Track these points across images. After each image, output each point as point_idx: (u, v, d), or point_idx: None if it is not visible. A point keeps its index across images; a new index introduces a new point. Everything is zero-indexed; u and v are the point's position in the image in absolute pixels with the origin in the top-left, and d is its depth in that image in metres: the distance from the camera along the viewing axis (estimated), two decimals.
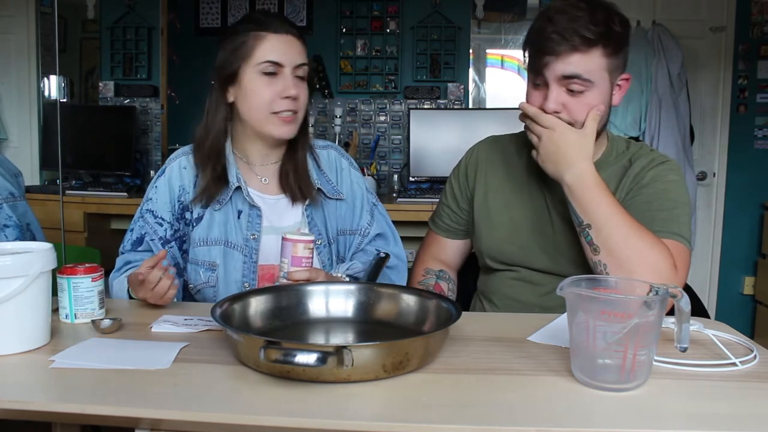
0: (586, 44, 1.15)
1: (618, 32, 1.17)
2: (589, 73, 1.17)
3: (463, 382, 0.84)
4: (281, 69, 1.28)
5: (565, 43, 1.15)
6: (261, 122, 1.30)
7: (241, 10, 3.64)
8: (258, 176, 1.38)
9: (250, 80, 1.28)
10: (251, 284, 1.32)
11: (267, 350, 0.77)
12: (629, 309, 0.80)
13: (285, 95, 1.27)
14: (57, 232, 2.24)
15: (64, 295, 1.08)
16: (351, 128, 3.61)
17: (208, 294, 1.33)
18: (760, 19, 3.52)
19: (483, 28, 3.64)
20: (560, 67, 1.17)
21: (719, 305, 3.67)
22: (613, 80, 1.22)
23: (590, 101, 1.19)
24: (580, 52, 1.15)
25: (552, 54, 1.16)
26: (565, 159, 1.16)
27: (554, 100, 1.18)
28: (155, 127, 3.63)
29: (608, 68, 1.19)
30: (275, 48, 1.28)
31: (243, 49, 1.28)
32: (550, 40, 1.16)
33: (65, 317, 1.09)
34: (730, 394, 0.81)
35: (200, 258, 1.33)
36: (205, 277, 1.33)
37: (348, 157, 1.49)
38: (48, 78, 3.67)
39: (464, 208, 1.45)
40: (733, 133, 3.60)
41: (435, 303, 1.04)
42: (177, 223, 1.34)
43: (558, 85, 1.18)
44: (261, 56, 1.27)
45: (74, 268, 1.10)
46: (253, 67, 1.28)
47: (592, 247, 1.15)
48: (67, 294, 1.08)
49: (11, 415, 0.77)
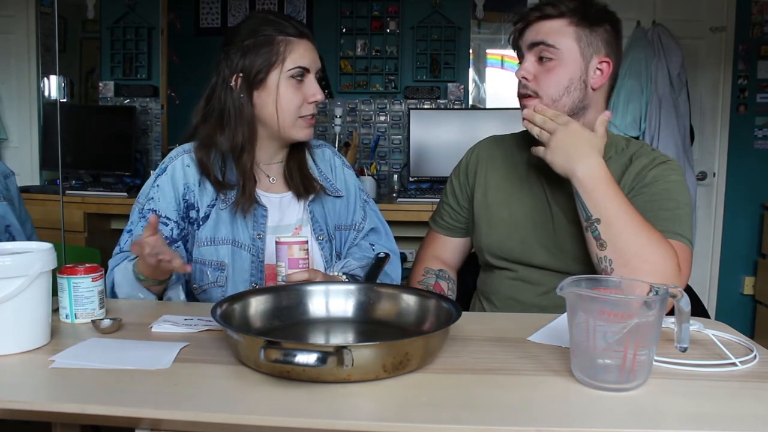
0: (556, 12, 1.24)
1: (593, 11, 1.24)
2: (555, 39, 1.23)
3: (463, 382, 0.84)
4: (308, 74, 1.31)
5: (537, 12, 1.25)
6: (287, 126, 1.32)
7: (241, 10, 3.64)
8: (265, 175, 1.40)
9: (279, 84, 1.29)
10: (259, 283, 1.32)
11: (267, 350, 0.77)
12: (629, 309, 0.80)
13: (312, 100, 1.31)
14: (57, 232, 2.25)
15: (64, 295, 1.08)
16: (351, 128, 3.61)
17: (215, 294, 1.32)
18: (760, 19, 3.52)
19: (483, 28, 3.65)
20: (530, 34, 1.26)
21: (719, 305, 3.67)
22: (587, 56, 1.24)
23: (558, 72, 1.23)
24: (548, 19, 1.24)
25: (523, 21, 1.27)
26: (579, 152, 1.17)
27: (524, 67, 1.26)
28: (155, 127, 3.63)
29: (578, 41, 1.23)
30: (305, 53, 1.31)
31: (274, 52, 1.28)
32: (525, 13, 1.27)
33: (65, 317, 1.08)
34: (730, 394, 0.81)
35: (207, 258, 1.33)
36: (213, 277, 1.32)
37: (340, 155, 1.52)
38: (48, 78, 3.67)
39: (464, 206, 1.46)
40: (733, 133, 3.60)
41: (435, 303, 1.04)
42: (183, 222, 1.34)
43: (529, 53, 1.26)
44: (293, 62, 1.29)
45: (74, 268, 1.09)
46: (284, 71, 1.29)
47: (598, 242, 1.14)
48: (67, 294, 1.08)
49: (11, 415, 0.77)
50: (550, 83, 1.24)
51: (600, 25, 1.24)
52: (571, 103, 1.24)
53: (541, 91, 1.24)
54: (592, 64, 1.24)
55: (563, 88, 1.23)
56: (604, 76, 1.26)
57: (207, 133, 1.34)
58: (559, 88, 1.23)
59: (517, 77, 1.27)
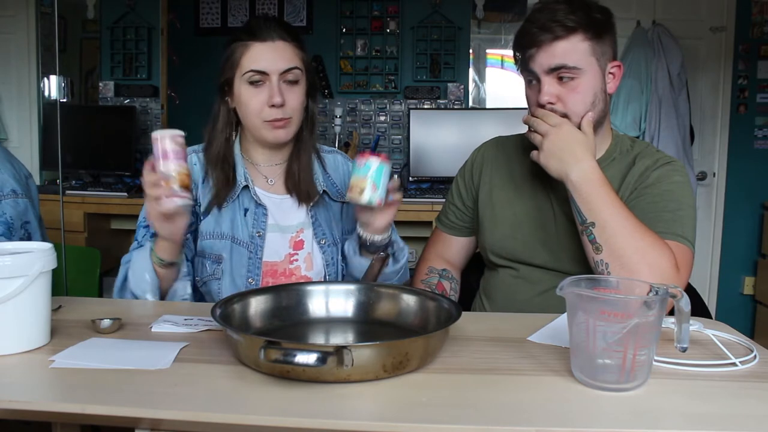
0: (567, 31, 1.19)
1: (598, 19, 1.21)
2: (575, 60, 1.19)
3: (463, 382, 0.84)
4: (266, 77, 1.30)
5: (547, 33, 1.19)
6: (256, 128, 1.33)
7: (241, 10, 3.64)
8: (264, 177, 1.41)
9: (240, 90, 1.32)
10: (255, 279, 1.33)
11: (267, 350, 0.77)
12: (629, 309, 0.80)
13: (271, 103, 1.29)
14: (57, 232, 2.25)
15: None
16: (351, 128, 3.61)
17: (213, 287, 1.34)
18: (760, 19, 3.52)
19: (483, 28, 3.64)
20: (545, 58, 1.20)
21: (719, 305, 3.67)
22: (603, 66, 1.23)
23: (583, 89, 1.21)
24: (561, 39, 1.19)
25: (535, 46, 1.21)
26: (573, 156, 1.17)
27: (546, 92, 1.21)
28: (155, 127, 3.62)
29: (594, 53, 1.21)
30: (259, 57, 1.29)
31: (232, 59, 1.32)
32: (532, 34, 1.21)
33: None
34: (730, 394, 0.81)
35: (207, 251, 1.34)
36: (211, 269, 1.34)
37: (352, 161, 1.51)
38: (48, 78, 3.67)
39: (469, 206, 1.47)
40: (733, 133, 3.60)
41: (435, 303, 1.04)
42: (191, 217, 1.35)
43: (548, 77, 1.21)
44: (246, 66, 1.30)
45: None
46: (240, 77, 1.31)
47: (594, 246, 1.15)
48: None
49: (11, 415, 0.77)
50: (577, 102, 1.21)
51: (607, 30, 1.23)
52: (597, 115, 1.24)
53: (569, 112, 1.21)
54: (607, 71, 1.24)
55: (590, 104, 1.22)
56: (617, 79, 1.26)
57: (207, 137, 1.39)
58: (586, 104, 1.22)
59: (540, 102, 1.22)
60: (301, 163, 1.40)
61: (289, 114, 1.31)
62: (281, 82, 1.30)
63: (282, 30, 1.32)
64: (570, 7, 1.20)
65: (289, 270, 1.37)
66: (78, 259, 1.98)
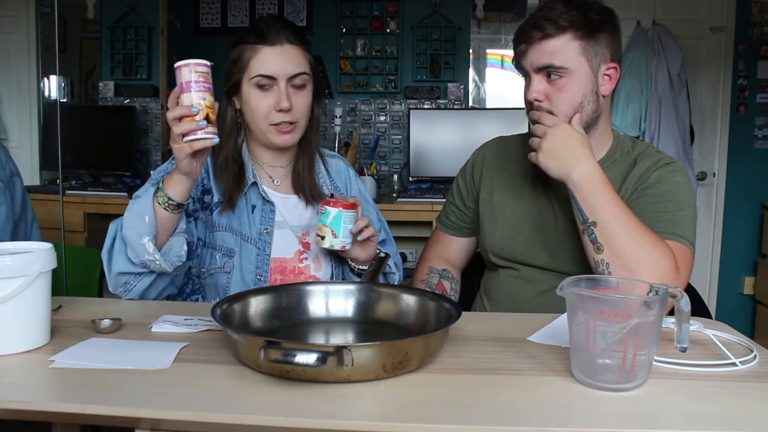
0: (557, 29, 1.19)
1: (594, 19, 1.20)
2: (562, 59, 1.19)
3: (463, 382, 0.84)
4: (275, 82, 1.30)
5: (537, 31, 1.20)
6: (262, 131, 1.34)
7: (241, 10, 3.64)
8: (269, 177, 1.41)
9: (247, 93, 1.32)
10: (264, 276, 1.33)
11: (267, 350, 0.77)
12: (629, 309, 0.80)
13: (278, 108, 1.29)
14: (57, 232, 2.25)
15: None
16: (351, 128, 3.61)
17: (221, 279, 1.33)
18: (760, 19, 3.52)
19: (483, 28, 3.64)
20: (534, 56, 1.21)
21: (719, 305, 3.67)
22: (595, 67, 1.22)
23: (570, 89, 1.21)
24: (551, 38, 1.19)
25: (525, 42, 1.22)
26: (574, 155, 1.16)
27: (534, 89, 1.22)
28: (155, 127, 3.63)
29: (584, 54, 1.20)
30: (268, 61, 1.29)
31: (240, 61, 1.31)
32: (524, 31, 1.22)
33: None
34: (730, 394, 0.81)
35: (219, 243, 1.34)
36: (221, 262, 1.34)
37: (353, 168, 1.56)
38: (48, 78, 3.67)
39: (470, 206, 1.47)
40: (733, 133, 3.60)
41: (435, 303, 1.04)
42: (197, 203, 1.35)
43: (537, 74, 1.22)
44: (254, 70, 1.30)
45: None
46: (248, 80, 1.31)
47: (595, 246, 1.14)
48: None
49: (11, 415, 0.77)
50: (563, 101, 1.21)
51: (602, 30, 1.21)
52: (587, 117, 1.23)
53: (555, 110, 1.21)
54: (601, 73, 1.23)
55: (577, 105, 1.21)
56: (613, 81, 1.25)
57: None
58: (573, 105, 1.21)
59: (528, 99, 1.23)
60: (306, 165, 1.41)
61: (296, 118, 1.32)
62: (289, 87, 1.30)
63: (290, 32, 1.32)
64: (567, 6, 1.19)
65: (298, 268, 1.37)
66: (78, 259, 1.98)
